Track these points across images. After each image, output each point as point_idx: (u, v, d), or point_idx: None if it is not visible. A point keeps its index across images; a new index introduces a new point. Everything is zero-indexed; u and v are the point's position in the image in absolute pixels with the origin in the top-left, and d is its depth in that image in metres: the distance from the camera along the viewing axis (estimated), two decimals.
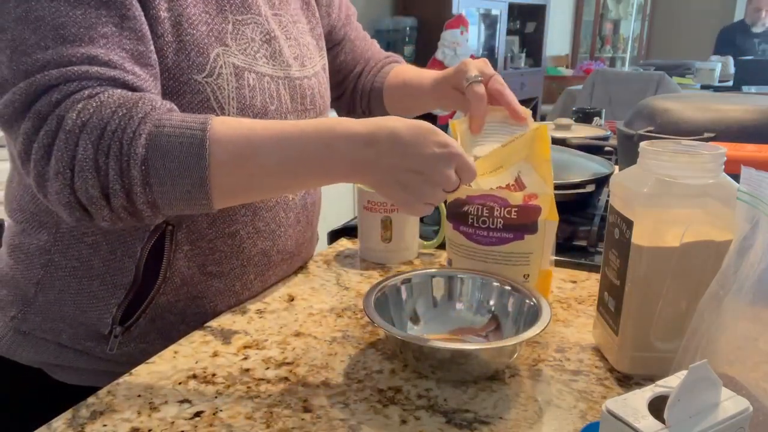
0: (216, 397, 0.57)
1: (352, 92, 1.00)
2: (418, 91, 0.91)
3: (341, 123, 0.58)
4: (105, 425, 0.53)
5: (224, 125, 0.57)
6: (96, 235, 0.68)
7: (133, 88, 0.59)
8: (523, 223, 0.71)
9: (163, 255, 0.69)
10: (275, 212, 0.77)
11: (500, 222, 0.71)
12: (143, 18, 0.61)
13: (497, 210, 0.71)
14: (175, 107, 0.60)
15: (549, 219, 0.71)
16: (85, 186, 0.55)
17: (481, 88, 0.75)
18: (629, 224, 0.56)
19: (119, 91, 0.57)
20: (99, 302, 0.69)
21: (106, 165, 0.55)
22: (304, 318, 0.72)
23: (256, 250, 0.75)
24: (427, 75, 0.90)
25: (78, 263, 0.69)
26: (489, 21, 4.94)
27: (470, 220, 0.72)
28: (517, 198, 0.70)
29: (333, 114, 1.03)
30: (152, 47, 0.62)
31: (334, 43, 0.95)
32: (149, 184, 0.56)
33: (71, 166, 0.55)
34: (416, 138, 0.57)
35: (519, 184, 0.71)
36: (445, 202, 0.76)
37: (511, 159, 0.71)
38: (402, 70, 0.97)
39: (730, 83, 4.20)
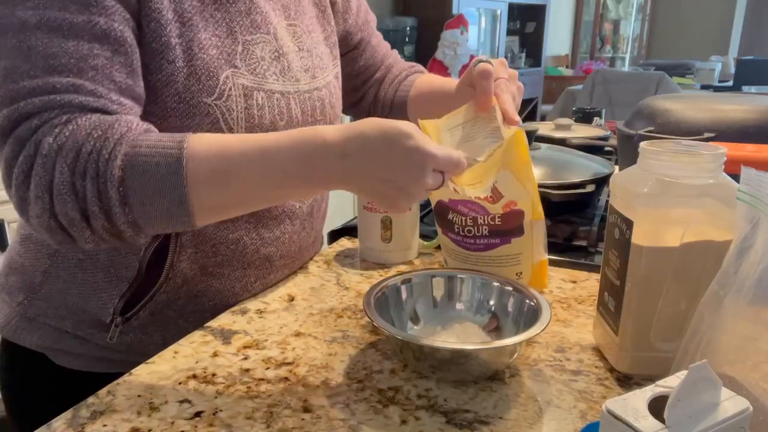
0: (216, 397, 0.57)
1: (373, 100, 1.00)
2: (445, 97, 0.86)
3: (318, 133, 0.57)
4: (105, 425, 0.53)
5: (201, 142, 0.57)
6: None
7: (113, 114, 0.59)
8: (508, 229, 0.71)
9: (167, 254, 0.70)
10: (280, 220, 0.77)
11: (485, 229, 0.71)
12: (137, 54, 0.61)
13: (481, 218, 0.71)
14: (153, 128, 0.60)
15: (534, 219, 0.71)
16: (65, 209, 0.56)
17: (486, 66, 0.71)
18: (629, 224, 0.56)
19: (96, 115, 0.58)
20: (102, 293, 0.71)
21: (83, 187, 0.55)
22: (304, 318, 0.72)
23: (259, 255, 0.76)
24: (452, 81, 0.88)
25: (84, 256, 0.70)
26: (489, 21, 4.95)
27: (456, 229, 0.73)
28: (497, 209, 0.70)
29: (347, 120, 1.03)
30: (141, 83, 0.62)
31: (350, 48, 0.95)
32: (128, 204, 0.56)
33: (49, 190, 0.56)
34: (387, 146, 0.56)
35: (496, 195, 0.69)
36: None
37: (489, 172, 0.69)
38: (428, 79, 0.96)
39: (730, 83, 4.21)
